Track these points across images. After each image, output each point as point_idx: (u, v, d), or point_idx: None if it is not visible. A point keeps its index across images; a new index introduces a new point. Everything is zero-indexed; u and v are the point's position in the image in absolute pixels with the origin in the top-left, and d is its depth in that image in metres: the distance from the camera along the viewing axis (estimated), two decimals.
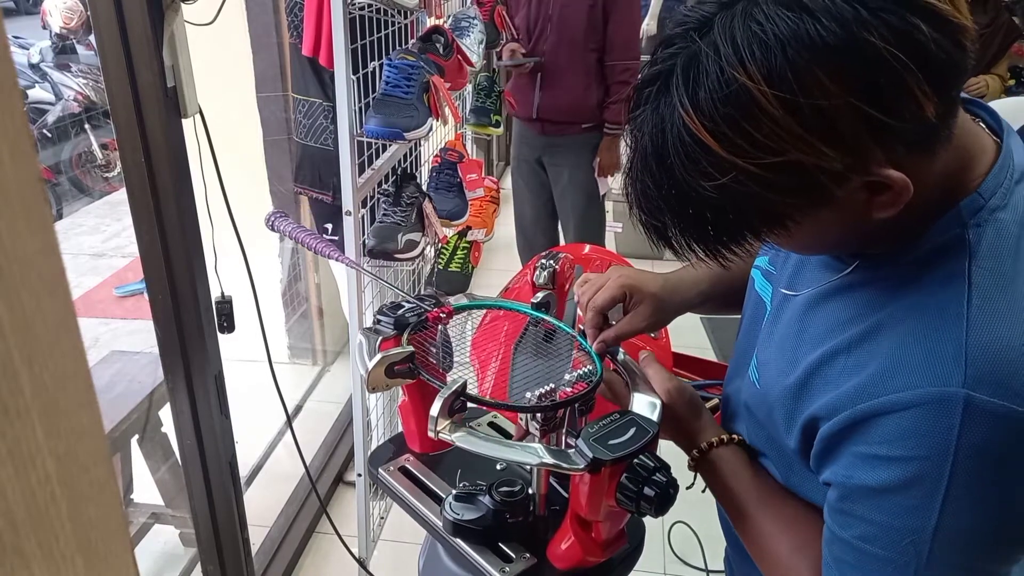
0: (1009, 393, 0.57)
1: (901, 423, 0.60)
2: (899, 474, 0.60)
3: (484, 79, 2.66)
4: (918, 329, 0.61)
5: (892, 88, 0.53)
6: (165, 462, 2.07)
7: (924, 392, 0.59)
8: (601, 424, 0.79)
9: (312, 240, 1.30)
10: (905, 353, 0.61)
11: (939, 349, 0.60)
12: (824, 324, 0.70)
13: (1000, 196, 0.62)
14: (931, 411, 0.58)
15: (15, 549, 0.27)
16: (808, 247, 0.71)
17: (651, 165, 0.62)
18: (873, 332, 0.64)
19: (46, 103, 5.23)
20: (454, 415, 0.81)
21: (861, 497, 0.64)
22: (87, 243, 4.57)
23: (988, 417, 0.57)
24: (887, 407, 0.60)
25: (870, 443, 0.62)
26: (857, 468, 0.63)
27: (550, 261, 1.15)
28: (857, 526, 0.65)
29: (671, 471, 0.78)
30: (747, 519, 0.79)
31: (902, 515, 0.61)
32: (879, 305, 0.65)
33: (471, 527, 0.87)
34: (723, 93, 0.56)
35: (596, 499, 0.78)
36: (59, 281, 0.29)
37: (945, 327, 0.60)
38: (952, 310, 0.60)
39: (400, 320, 0.93)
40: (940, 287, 0.62)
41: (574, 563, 0.85)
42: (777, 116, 0.55)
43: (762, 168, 0.56)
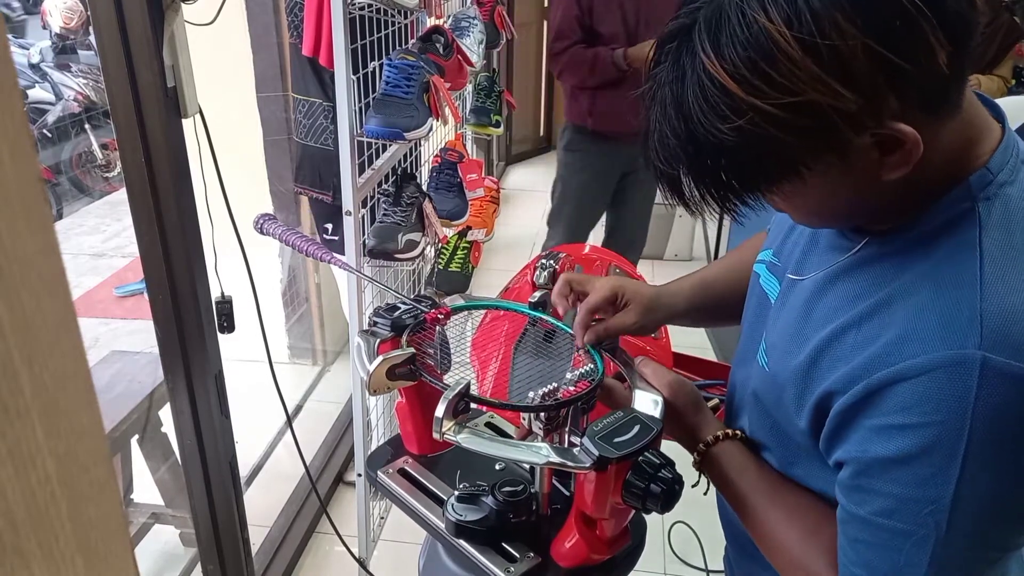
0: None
1: (917, 389, 0.60)
2: (916, 441, 0.60)
3: (484, 79, 2.66)
4: (931, 297, 0.62)
5: (907, 32, 0.55)
6: (165, 462, 2.07)
7: (940, 356, 0.59)
8: (605, 422, 0.79)
9: (303, 243, 1.28)
10: (919, 320, 0.61)
11: (954, 314, 0.60)
12: (833, 302, 0.70)
13: (1007, 172, 0.64)
14: (947, 374, 0.58)
15: (15, 549, 0.27)
16: (818, 211, 0.70)
17: (670, 113, 0.63)
18: (884, 304, 0.65)
19: (46, 103, 5.22)
20: (458, 416, 0.81)
21: (877, 470, 0.63)
22: (87, 243, 4.57)
23: (1005, 379, 0.57)
24: (902, 374, 0.60)
25: (886, 413, 0.62)
26: (872, 441, 0.63)
27: (550, 261, 1.15)
28: (874, 501, 0.64)
29: (675, 467, 0.78)
30: (754, 512, 0.79)
31: (920, 485, 0.61)
32: (889, 278, 0.66)
33: (474, 528, 0.87)
34: (744, 37, 0.57)
35: (602, 497, 0.78)
36: (59, 281, 0.29)
37: (959, 293, 0.60)
38: (966, 278, 0.61)
39: (396, 322, 0.93)
40: (951, 257, 0.62)
41: (579, 561, 0.85)
42: (796, 57, 0.56)
43: (779, 108, 0.57)
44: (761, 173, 0.63)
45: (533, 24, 5.55)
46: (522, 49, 5.39)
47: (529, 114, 5.84)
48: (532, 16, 5.51)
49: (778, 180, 0.63)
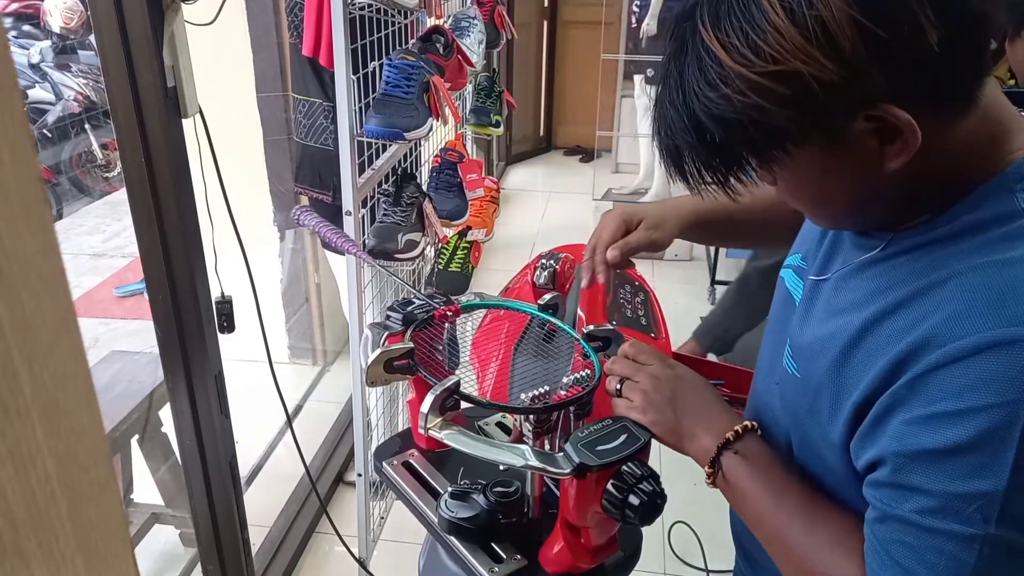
0: None
1: (968, 371, 0.56)
2: (966, 430, 0.56)
3: (484, 79, 2.66)
4: (980, 279, 0.59)
5: (894, 6, 0.55)
6: (165, 462, 2.07)
7: (993, 335, 0.55)
8: (592, 429, 0.78)
9: (333, 236, 1.32)
10: (969, 301, 0.58)
11: (1007, 292, 0.57)
12: (862, 294, 0.68)
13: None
14: (1001, 354, 0.55)
15: (15, 549, 0.27)
16: (822, 200, 0.69)
17: (671, 85, 0.65)
18: (923, 292, 0.62)
19: (46, 103, 5.22)
20: (446, 413, 0.80)
21: (921, 464, 0.59)
22: (87, 243, 4.57)
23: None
24: (951, 356, 0.57)
25: (933, 400, 0.58)
26: (916, 433, 0.59)
27: (550, 261, 1.15)
28: (914, 498, 0.59)
29: (660, 480, 0.77)
30: (766, 521, 0.73)
31: (968, 478, 0.56)
32: (927, 268, 0.63)
33: (464, 525, 0.87)
34: (739, 8, 0.59)
35: (583, 505, 0.77)
36: (59, 281, 0.29)
37: (1012, 272, 0.57)
38: (1017, 258, 0.58)
39: (409, 316, 0.93)
40: (998, 243, 0.60)
41: (564, 568, 0.84)
42: (782, 26, 0.57)
43: (764, 77, 0.59)
44: (749, 145, 0.64)
45: (533, 24, 5.55)
46: (522, 49, 5.39)
47: (529, 114, 5.84)
48: (532, 16, 5.51)
49: (766, 153, 0.64)
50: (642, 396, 0.80)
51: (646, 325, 1.48)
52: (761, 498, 0.72)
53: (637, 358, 0.84)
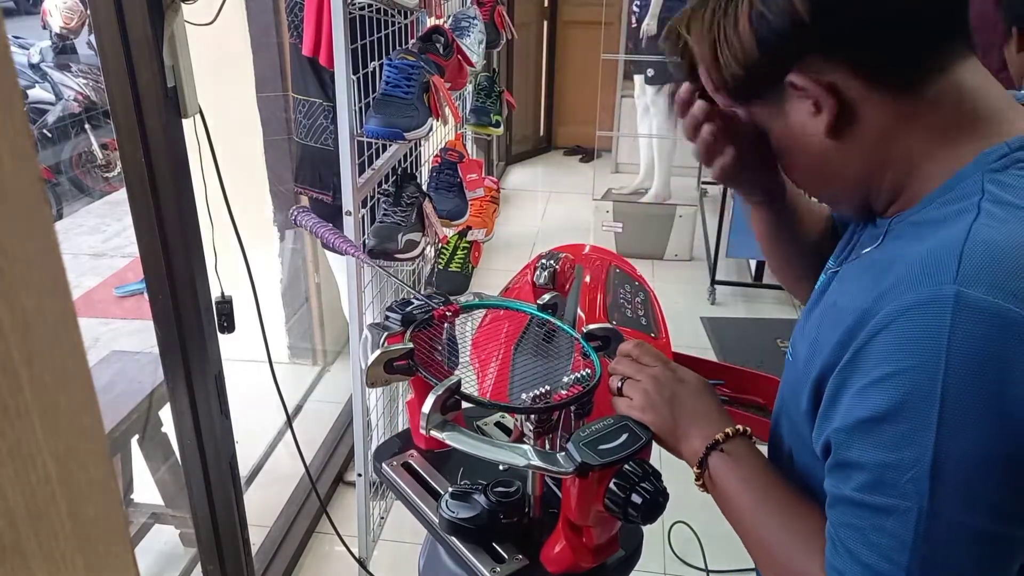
0: (1005, 293, 0.53)
1: (894, 334, 0.56)
2: (891, 394, 0.56)
3: (484, 79, 2.66)
4: (920, 246, 0.60)
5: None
6: (165, 462, 2.07)
7: (915, 296, 0.56)
8: (593, 428, 0.79)
9: (332, 236, 1.32)
10: (906, 268, 0.59)
11: (937, 255, 0.57)
12: (839, 280, 0.71)
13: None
14: (921, 314, 0.55)
15: (15, 549, 0.27)
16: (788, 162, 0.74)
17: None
18: (884, 271, 0.62)
19: (46, 103, 5.22)
20: (447, 413, 0.80)
21: (856, 437, 0.59)
22: (87, 243, 4.57)
23: (981, 314, 0.53)
24: (884, 322, 0.57)
25: (868, 370, 0.58)
26: (854, 407, 0.59)
27: (550, 261, 1.15)
28: (854, 476, 0.59)
29: (662, 479, 0.77)
30: (745, 520, 0.73)
31: (897, 446, 0.56)
32: (888, 252, 0.66)
33: (465, 525, 0.87)
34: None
35: (585, 504, 0.77)
36: (59, 281, 0.29)
37: (947, 238, 0.58)
38: (957, 230, 0.58)
39: (408, 316, 0.93)
40: (949, 221, 0.60)
41: (565, 567, 0.84)
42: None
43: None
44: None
45: (533, 24, 5.55)
46: (522, 49, 5.39)
47: (529, 114, 5.84)
48: (532, 16, 5.51)
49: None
50: (643, 396, 0.80)
51: (646, 325, 1.48)
52: (742, 498, 0.73)
53: (640, 359, 0.84)
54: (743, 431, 0.77)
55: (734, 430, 0.76)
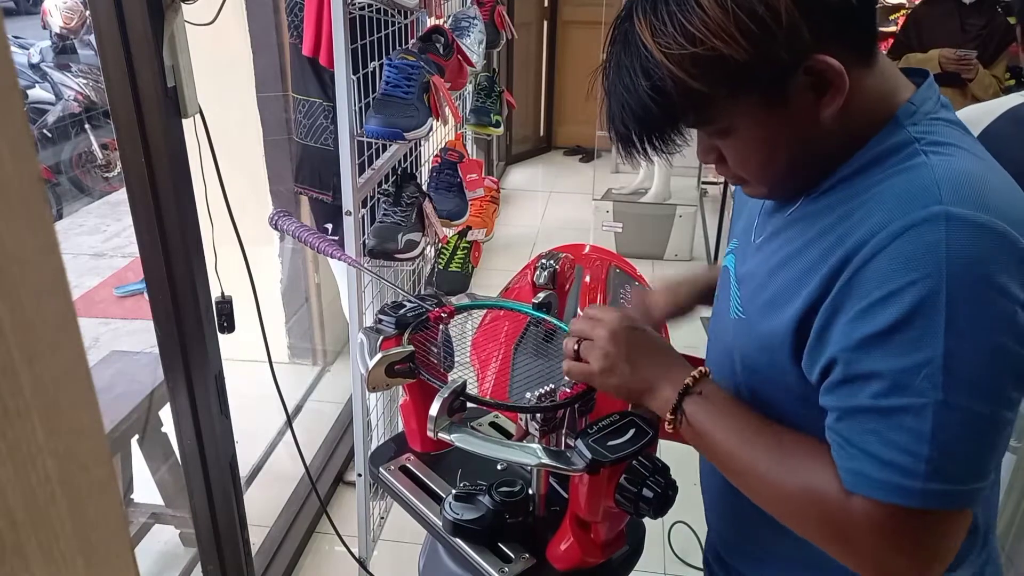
0: (982, 207, 0.61)
1: (891, 255, 0.62)
2: (900, 306, 0.61)
3: (484, 79, 2.66)
4: (891, 186, 0.66)
5: None
6: (165, 462, 2.07)
7: (907, 219, 0.62)
8: (600, 425, 0.79)
9: (315, 239, 1.31)
10: (885, 203, 0.65)
11: (914, 188, 0.64)
12: (788, 238, 0.75)
13: (932, 104, 0.71)
14: (917, 232, 0.61)
15: (15, 549, 0.27)
16: (767, 162, 0.74)
17: (611, 76, 0.73)
18: (845, 215, 0.68)
19: (46, 103, 5.22)
20: (454, 415, 0.81)
21: (866, 350, 0.63)
22: (87, 243, 4.57)
23: (971, 227, 0.61)
24: (874, 250, 0.63)
25: (868, 291, 0.63)
26: (858, 325, 0.64)
27: (550, 261, 1.15)
28: (869, 385, 0.64)
29: (670, 472, 0.78)
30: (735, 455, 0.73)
31: (910, 351, 0.61)
32: (841, 200, 0.70)
33: (470, 527, 0.87)
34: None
35: (595, 500, 0.78)
36: (59, 281, 0.29)
37: (912, 175, 0.66)
38: (917, 166, 0.66)
39: (401, 319, 0.93)
40: (899, 164, 0.68)
41: (573, 564, 0.85)
42: (707, 6, 0.64)
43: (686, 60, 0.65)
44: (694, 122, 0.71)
45: (533, 24, 5.55)
46: (522, 49, 5.39)
47: (529, 114, 5.84)
48: (532, 16, 5.51)
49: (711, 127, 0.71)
50: (601, 358, 0.80)
51: None
52: (728, 435, 0.74)
53: (594, 315, 0.83)
54: (706, 372, 0.78)
55: (698, 372, 0.77)
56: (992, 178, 0.66)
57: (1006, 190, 0.66)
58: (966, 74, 3.00)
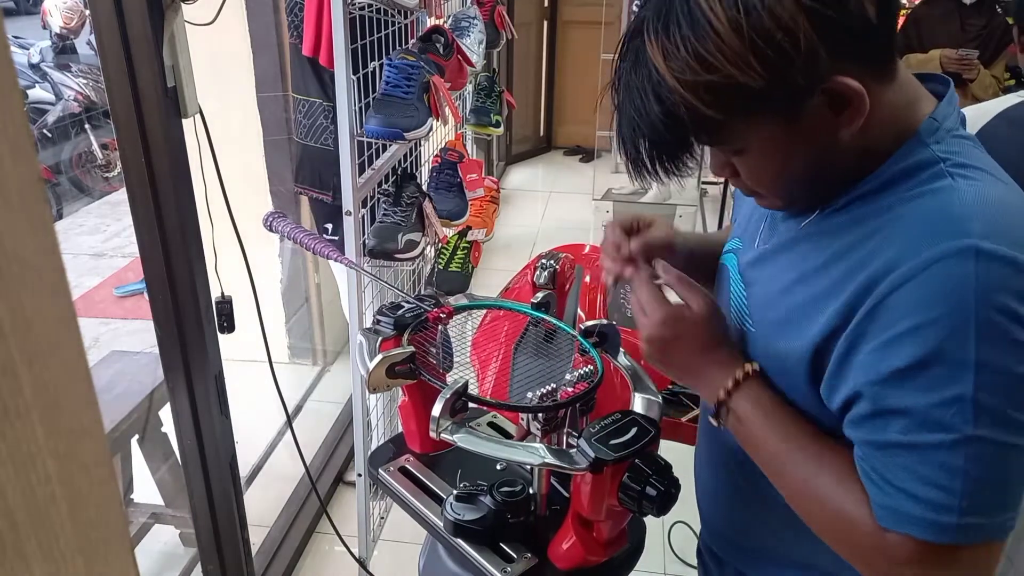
0: (1013, 241, 0.60)
1: (919, 287, 0.61)
2: (926, 341, 0.60)
3: (484, 79, 2.66)
4: (916, 212, 0.64)
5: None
6: (165, 462, 2.07)
7: (935, 251, 0.60)
8: (603, 424, 0.79)
9: (310, 240, 1.30)
10: (908, 232, 0.63)
11: (939, 217, 0.63)
12: (804, 254, 0.73)
13: (953, 120, 0.69)
14: (947, 265, 0.60)
15: (15, 549, 0.27)
16: (782, 176, 0.72)
17: (623, 97, 0.71)
18: (867, 236, 0.66)
19: (46, 103, 5.22)
20: (456, 415, 0.81)
21: (893, 386, 0.62)
22: (87, 243, 4.57)
23: (1000, 261, 0.59)
24: (900, 280, 0.61)
25: (891, 324, 0.62)
26: (883, 358, 0.62)
27: (550, 261, 1.15)
28: (896, 421, 0.62)
29: (672, 470, 0.78)
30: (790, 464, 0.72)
31: (940, 387, 0.60)
32: (861, 218, 0.68)
33: (472, 527, 0.87)
34: (684, 14, 0.63)
35: (598, 499, 0.78)
36: (59, 281, 0.29)
37: (939, 201, 0.64)
38: (944, 190, 0.64)
39: (400, 320, 0.93)
40: (922, 184, 0.66)
41: (576, 563, 0.85)
42: (722, 31, 0.61)
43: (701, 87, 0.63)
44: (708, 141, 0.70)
45: (533, 24, 5.55)
46: (522, 49, 5.39)
47: (529, 114, 5.84)
48: (532, 16, 5.51)
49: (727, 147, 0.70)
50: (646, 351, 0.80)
51: None
52: (770, 435, 0.73)
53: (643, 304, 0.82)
54: (755, 371, 0.76)
55: (745, 372, 0.75)
56: (1018, 205, 0.65)
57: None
58: (967, 74, 3.00)
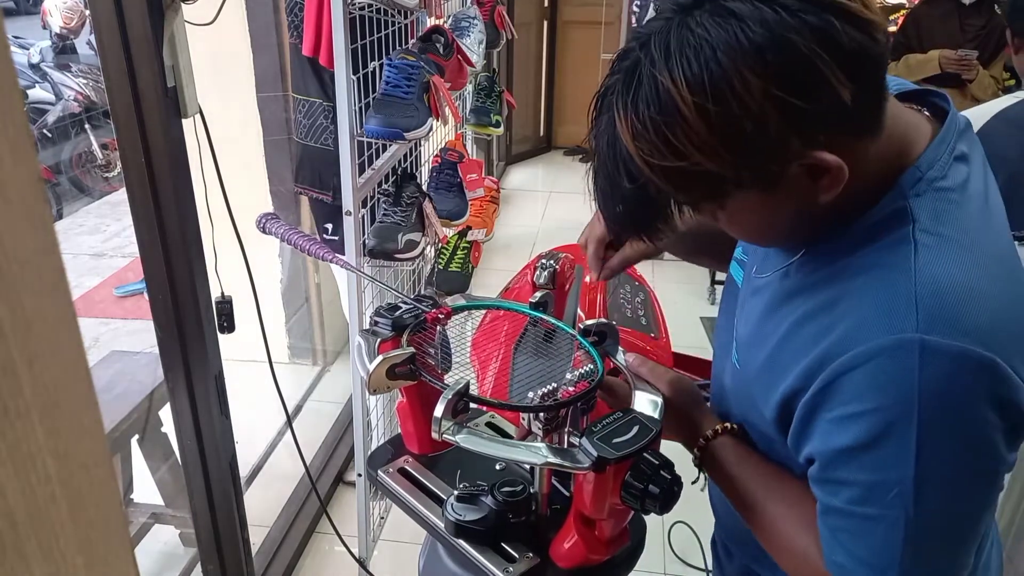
0: (959, 333, 0.60)
1: (865, 376, 0.62)
2: (871, 427, 0.62)
3: (484, 79, 2.66)
4: (871, 289, 0.65)
5: (810, 78, 0.59)
6: (165, 462, 2.07)
7: (881, 342, 0.62)
8: (605, 423, 0.79)
9: (305, 242, 1.29)
10: (863, 311, 0.64)
11: (892, 301, 0.63)
12: (788, 298, 0.73)
13: (938, 169, 0.67)
14: (890, 358, 0.61)
15: (15, 549, 0.27)
16: (763, 234, 0.75)
17: (599, 163, 0.71)
18: (834, 301, 0.67)
19: (46, 103, 5.22)
20: (457, 416, 0.81)
21: (841, 460, 0.65)
22: (87, 243, 4.57)
23: (945, 357, 0.60)
24: (851, 363, 0.63)
25: (841, 403, 0.64)
26: (833, 433, 0.65)
27: (550, 261, 1.15)
28: (843, 491, 0.66)
29: (674, 468, 0.78)
30: (755, 505, 0.79)
31: (882, 468, 0.63)
32: (834, 276, 0.69)
33: (473, 528, 0.87)
34: (652, 97, 0.62)
35: (601, 497, 0.78)
36: (59, 281, 0.29)
37: (896, 282, 0.64)
38: (901, 268, 0.64)
39: (397, 321, 0.93)
40: (888, 251, 0.66)
41: (578, 562, 0.85)
42: (690, 119, 0.60)
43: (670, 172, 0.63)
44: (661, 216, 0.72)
45: (533, 24, 5.55)
46: (522, 49, 5.39)
47: (529, 114, 5.84)
48: (532, 16, 5.51)
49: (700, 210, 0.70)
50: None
51: (646, 325, 1.48)
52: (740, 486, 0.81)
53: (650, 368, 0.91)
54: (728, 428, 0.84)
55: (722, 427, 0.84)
56: (980, 281, 0.63)
57: (993, 295, 0.63)
58: (967, 74, 3.00)
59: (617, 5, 4.36)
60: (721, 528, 0.98)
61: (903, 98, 0.75)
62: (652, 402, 0.84)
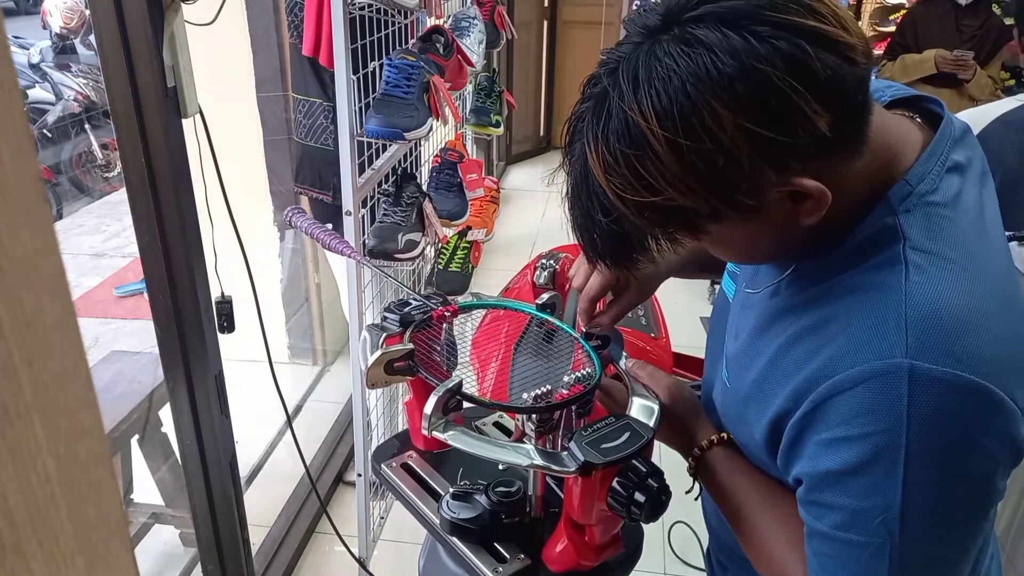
0: (951, 359, 0.58)
1: (853, 401, 0.61)
2: (858, 453, 0.61)
3: (484, 79, 2.66)
4: (862, 310, 0.63)
5: (784, 109, 0.56)
6: (165, 462, 2.07)
7: (871, 367, 0.60)
8: (596, 427, 0.79)
9: (328, 237, 1.30)
10: (852, 333, 0.63)
11: (881, 325, 0.61)
12: (778, 317, 0.72)
13: (929, 182, 0.65)
14: (879, 384, 0.60)
15: (15, 549, 0.27)
16: (748, 256, 0.74)
17: (568, 189, 0.71)
18: (824, 321, 0.66)
19: (46, 103, 5.22)
20: (449, 413, 0.80)
21: (827, 484, 0.64)
22: (87, 243, 4.57)
23: (934, 384, 0.58)
24: (840, 387, 0.62)
25: (829, 426, 0.63)
26: (820, 456, 0.64)
27: (550, 261, 1.15)
28: (829, 515, 0.65)
29: (664, 477, 0.77)
30: (745, 518, 0.79)
31: (868, 495, 0.62)
32: (823, 295, 0.67)
33: (467, 526, 0.87)
34: (622, 131, 0.60)
35: (588, 502, 0.77)
36: (59, 281, 0.29)
37: (886, 304, 0.62)
38: (892, 289, 0.62)
39: (406, 317, 0.93)
40: (878, 271, 0.64)
41: (568, 566, 0.84)
42: (661, 153, 0.58)
43: (644, 207, 0.62)
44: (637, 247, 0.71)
45: (533, 24, 5.55)
46: (522, 49, 5.39)
47: (529, 114, 5.84)
48: (532, 16, 5.51)
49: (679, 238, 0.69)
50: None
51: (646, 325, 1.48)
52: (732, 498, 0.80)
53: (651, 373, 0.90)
54: (722, 439, 0.83)
55: (718, 438, 0.83)
56: (973, 304, 0.61)
57: (987, 318, 0.61)
58: (963, 75, 3.00)
59: (617, 5, 4.36)
60: (715, 541, 0.97)
61: (895, 104, 0.73)
62: (648, 409, 0.83)
